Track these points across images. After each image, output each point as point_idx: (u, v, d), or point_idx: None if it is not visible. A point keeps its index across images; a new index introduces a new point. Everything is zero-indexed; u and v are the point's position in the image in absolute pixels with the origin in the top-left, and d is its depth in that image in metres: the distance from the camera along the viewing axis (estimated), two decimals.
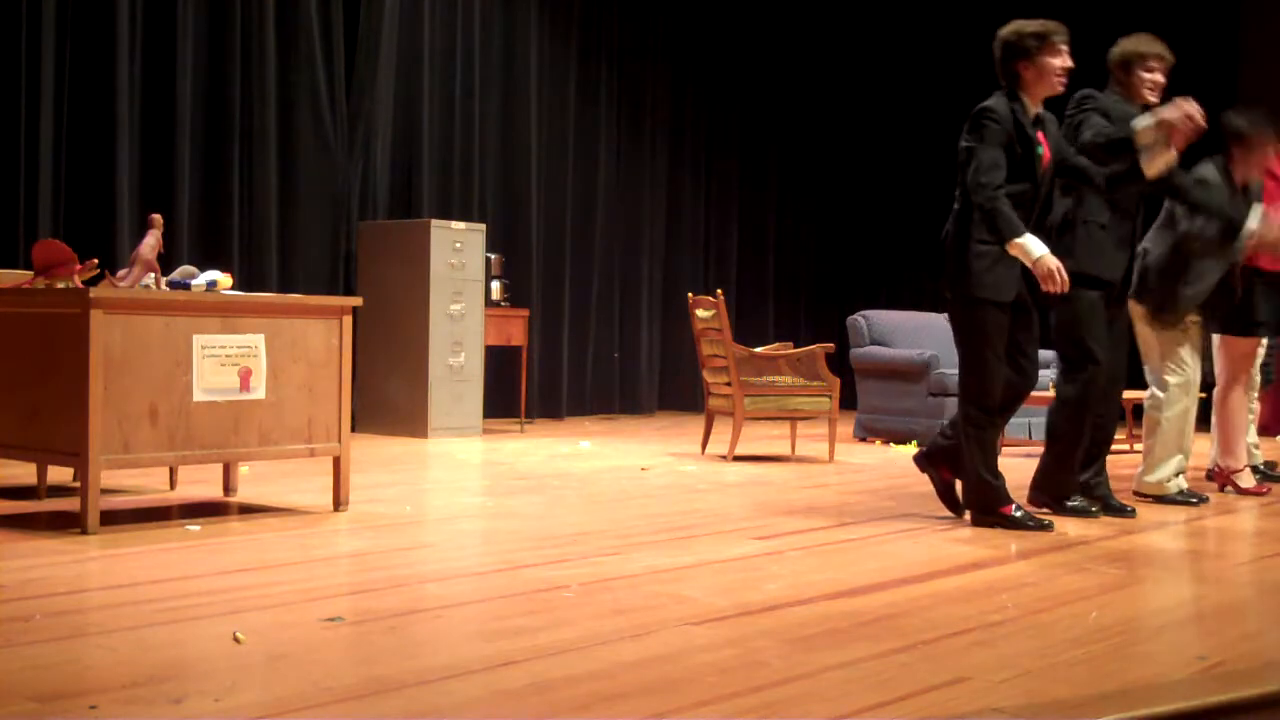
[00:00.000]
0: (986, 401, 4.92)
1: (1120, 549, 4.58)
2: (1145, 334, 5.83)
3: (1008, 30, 4.94)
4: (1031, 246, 4.72)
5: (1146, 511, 5.49)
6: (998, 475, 4.98)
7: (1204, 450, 6.45)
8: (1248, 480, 6.19)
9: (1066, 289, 4.74)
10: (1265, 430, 8.46)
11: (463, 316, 8.74)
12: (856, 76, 13.16)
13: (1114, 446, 5.93)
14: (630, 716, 2.43)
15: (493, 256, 9.25)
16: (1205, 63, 10.05)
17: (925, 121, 12.20)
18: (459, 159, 9.92)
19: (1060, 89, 4.92)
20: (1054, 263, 4.70)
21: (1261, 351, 6.53)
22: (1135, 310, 5.72)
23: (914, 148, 12.55)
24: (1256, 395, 6.74)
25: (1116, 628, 3.29)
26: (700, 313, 7.66)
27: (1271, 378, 7.13)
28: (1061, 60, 4.87)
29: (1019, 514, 4.93)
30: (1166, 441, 5.79)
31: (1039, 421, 8.00)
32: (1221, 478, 6.24)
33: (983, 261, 4.82)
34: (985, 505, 4.97)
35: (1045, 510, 5.27)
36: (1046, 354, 6.22)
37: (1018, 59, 4.88)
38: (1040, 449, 5.53)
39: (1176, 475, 5.80)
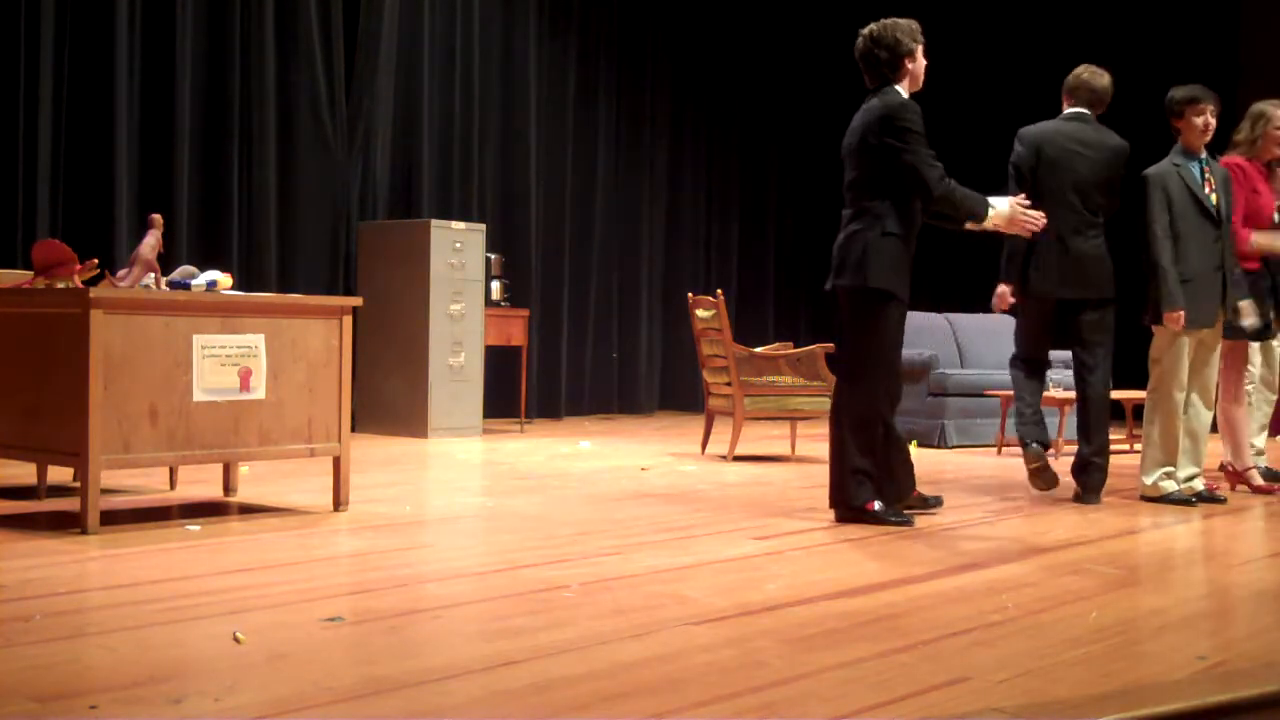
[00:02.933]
0: (881, 396, 4.92)
1: (1120, 549, 4.59)
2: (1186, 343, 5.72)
3: (889, 25, 5.28)
4: None
5: (1146, 511, 5.49)
6: (872, 471, 4.93)
7: (1215, 451, 6.46)
8: (1257, 479, 6.17)
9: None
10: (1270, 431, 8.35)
11: (463, 316, 8.74)
12: (857, 76, 13.13)
13: (1114, 447, 5.93)
14: (630, 716, 2.43)
15: (493, 256, 9.24)
16: (1205, 68, 10.05)
17: (925, 121, 12.17)
18: (459, 159, 9.92)
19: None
20: None
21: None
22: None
23: None
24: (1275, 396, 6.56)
25: (1116, 628, 3.29)
26: (700, 313, 7.66)
27: None
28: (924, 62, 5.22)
29: (879, 509, 4.91)
30: (1154, 445, 5.76)
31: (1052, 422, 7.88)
32: (1235, 477, 6.24)
33: (883, 258, 4.90)
34: (851, 500, 4.94)
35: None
36: (1062, 354, 6.15)
37: (905, 55, 5.20)
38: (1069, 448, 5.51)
39: (1168, 477, 5.76)
